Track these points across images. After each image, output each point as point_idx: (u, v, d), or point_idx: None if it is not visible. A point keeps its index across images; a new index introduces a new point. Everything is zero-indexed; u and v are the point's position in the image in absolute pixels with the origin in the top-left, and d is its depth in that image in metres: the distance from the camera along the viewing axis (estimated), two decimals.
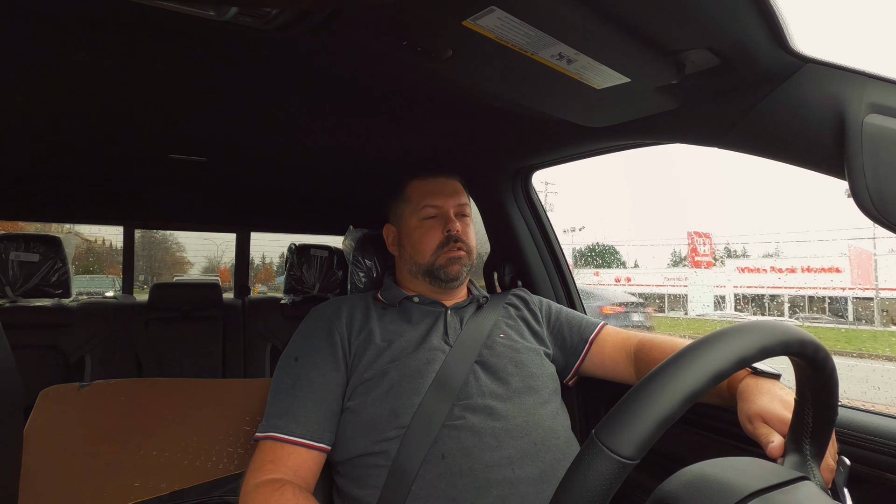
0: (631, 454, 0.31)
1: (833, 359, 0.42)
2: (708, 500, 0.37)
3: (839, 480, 0.44)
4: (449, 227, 0.95)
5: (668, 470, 0.42)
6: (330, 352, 0.86)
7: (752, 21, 0.57)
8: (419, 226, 0.97)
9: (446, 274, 0.95)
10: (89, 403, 1.06)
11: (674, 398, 0.32)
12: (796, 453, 0.47)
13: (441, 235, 0.95)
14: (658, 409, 0.32)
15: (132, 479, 0.97)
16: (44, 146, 1.31)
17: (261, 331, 2.00)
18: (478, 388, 0.83)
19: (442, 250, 0.95)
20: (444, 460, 0.75)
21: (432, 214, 0.97)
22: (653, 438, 0.31)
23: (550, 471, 0.77)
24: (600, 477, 0.31)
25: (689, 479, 0.40)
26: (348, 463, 0.81)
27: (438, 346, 0.88)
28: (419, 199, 0.99)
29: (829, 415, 0.45)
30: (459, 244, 0.95)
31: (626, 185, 66.50)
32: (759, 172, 16.28)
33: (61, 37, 0.72)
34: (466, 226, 0.99)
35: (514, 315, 1.01)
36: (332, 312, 0.93)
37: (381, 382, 0.82)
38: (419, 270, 0.97)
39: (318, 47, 0.73)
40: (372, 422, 0.79)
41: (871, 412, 0.81)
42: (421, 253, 0.96)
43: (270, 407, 0.82)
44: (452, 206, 0.98)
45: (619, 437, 0.31)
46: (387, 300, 0.98)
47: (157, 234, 8.85)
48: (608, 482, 0.31)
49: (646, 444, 0.31)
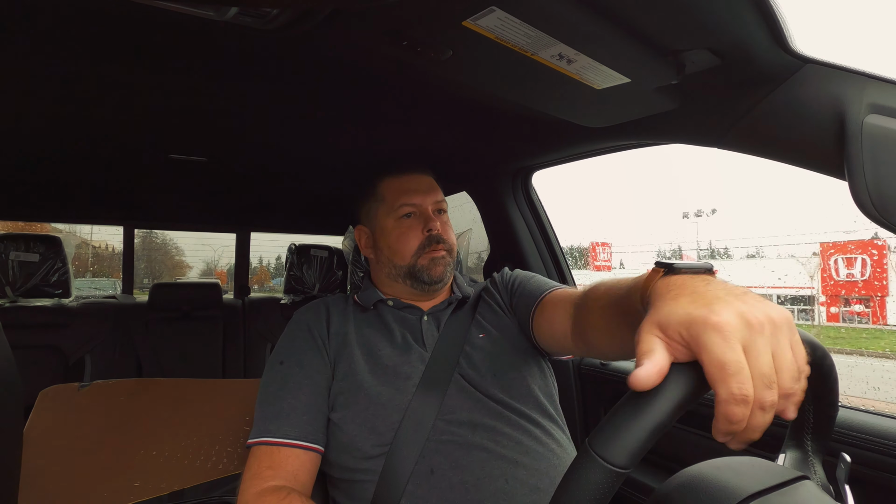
0: (624, 463, 0.31)
1: (831, 356, 0.42)
2: (706, 502, 0.37)
3: (840, 477, 0.45)
4: (430, 226, 0.91)
5: (667, 470, 0.42)
6: (314, 353, 0.85)
7: (752, 21, 0.57)
8: (396, 226, 0.93)
9: (430, 276, 0.90)
10: (89, 403, 1.06)
11: (665, 406, 0.32)
12: (797, 450, 0.47)
13: (421, 236, 0.91)
14: (650, 418, 0.32)
15: (132, 479, 0.97)
16: (44, 146, 1.31)
17: (261, 331, 2.00)
18: (461, 401, 0.80)
19: (423, 251, 0.91)
20: (434, 475, 0.73)
21: (410, 213, 0.93)
22: (645, 447, 0.31)
23: (545, 479, 0.75)
24: (594, 487, 0.31)
25: (687, 480, 0.40)
26: (337, 478, 0.80)
27: (416, 358, 0.85)
28: (395, 198, 0.94)
29: (830, 411, 0.45)
30: (441, 244, 0.91)
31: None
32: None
33: (61, 36, 0.72)
34: (445, 223, 0.95)
35: (490, 301, 0.96)
36: (313, 315, 0.92)
37: (358, 398, 0.80)
38: (399, 273, 0.93)
39: (318, 47, 0.73)
40: (353, 440, 0.78)
41: (871, 412, 0.81)
42: (400, 255, 0.92)
43: (260, 412, 0.80)
44: (430, 204, 0.93)
45: (611, 446, 0.31)
46: (362, 302, 0.95)
47: (158, 238, 8.96)
48: (602, 492, 0.31)
49: (639, 453, 0.31)
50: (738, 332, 0.33)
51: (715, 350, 0.33)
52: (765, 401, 0.33)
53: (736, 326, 0.34)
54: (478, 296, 0.98)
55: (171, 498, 0.98)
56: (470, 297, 0.97)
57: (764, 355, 0.33)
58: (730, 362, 0.32)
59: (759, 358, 0.33)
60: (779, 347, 0.34)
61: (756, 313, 0.35)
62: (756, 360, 0.33)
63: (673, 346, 0.35)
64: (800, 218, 9.07)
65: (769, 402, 0.33)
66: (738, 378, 0.32)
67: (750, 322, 0.34)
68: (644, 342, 0.36)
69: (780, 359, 0.34)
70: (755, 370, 0.33)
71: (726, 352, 0.32)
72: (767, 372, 0.33)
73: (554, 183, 4.94)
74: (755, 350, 0.33)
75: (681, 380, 0.33)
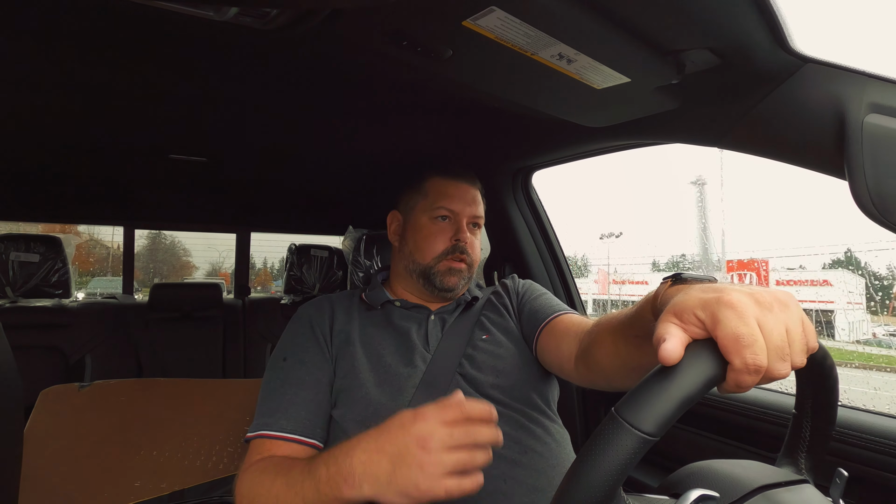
0: (652, 430, 0.31)
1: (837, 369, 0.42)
2: (716, 488, 0.37)
3: (835, 494, 0.44)
4: (459, 236, 0.92)
5: (667, 470, 0.42)
6: (316, 350, 0.85)
7: (752, 21, 0.57)
8: (428, 224, 0.93)
9: (442, 283, 0.91)
10: (89, 403, 1.06)
11: (695, 379, 0.33)
12: (791, 466, 0.47)
13: (448, 242, 0.92)
14: (680, 389, 0.32)
15: (132, 479, 0.97)
16: (44, 146, 1.31)
17: (261, 331, 2.00)
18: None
19: (445, 257, 0.91)
20: None
21: (445, 216, 0.93)
22: (674, 417, 0.31)
23: (544, 479, 0.75)
24: (621, 450, 0.31)
25: (698, 470, 0.41)
26: None
27: (418, 358, 0.85)
28: (436, 198, 0.93)
29: (827, 428, 0.45)
30: (464, 256, 0.92)
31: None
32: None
33: (62, 37, 0.72)
34: (476, 238, 0.96)
35: (497, 304, 0.97)
36: (316, 311, 0.92)
37: (358, 396, 0.80)
38: (415, 269, 0.94)
39: (317, 47, 0.73)
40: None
41: (871, 412, 0.81)
42: (422, 253, 0.93)
43: (260, 407, 0.81)
44: (468, 216, 0.94)
45: (640, 413, 0.31)
46: (370, 301, 0.95)
47: (167, 240, 9.17)
48: (628, 456, 0.31)
49: (667, 422, 0.31)
50: (751, 308, 0.35)
51: (729, 324, 0.34)
52: (779, 372, 0.35)
53: (748, 303, 0.35)
54: (486, 299, 0.99)
55: (171, 498, 0.98)
56: (479, 299, 0.98)
57: (777, 330, 0.35)
58: (744, 335, 0.34)
59: (773, 332, 0.35)
60: (791, 322, 0.36)
61: (764, 294, 0.37)
62: (770, 334, 0.35)
63: (690, 330, 0.36)
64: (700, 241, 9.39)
65: (783, 374, 0.35)
66: (752, 349, 0.33)
67: (760, 301, 0.36)
68: (660, 329, 0.37)
69: (793, 332, 0.36)
70: (770, 343, 0.35)
71: (740, 325, 0.34)
72: (781, 345, 0.35)
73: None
74: (768, 325, 0.35)
75: (702, 354, 0.34)
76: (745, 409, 0.95)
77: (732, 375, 0.34)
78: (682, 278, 0.46)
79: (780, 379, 0.35)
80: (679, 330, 0.36)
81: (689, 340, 0.35)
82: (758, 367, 0.33)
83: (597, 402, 1.36)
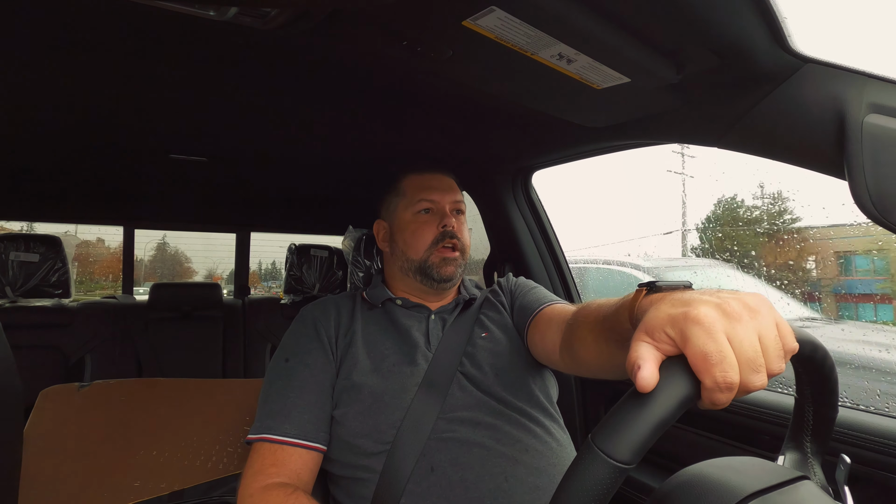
0: (627, 458, 0.31)
1: (832, 356, 0.42)
2: (707, 501, 0.37)
3: (840, 478, 0.44)
4: (444, 222, 0.93)
5: (667, 470, 0.42)
6: (320, 352, 0.86)
7: (751, 21, 0.57)
8: (413, 220, 0.95)
9: (439, 274, 0.92)
10: (89, 403, 1.06)
11: (669, 402, 0.32)
12: (797, 451, 0.47)
13: (436, 231, 0.93)
14: (654, 413, 0.32)
15: (132, 479, 0.97)
16: (44, 146, 1.31)
17: (261, 331, 2.00)
18: (463, 399, 0.81)
19: (436, 247, 0.92)
20: (434, 472, 0.74)
21: (427, 209, 0.95)
22: (649, 442, 0.31)
23: (545, 477, 0.76)
24: (597, 482, 0.31)
25: (689, 479, 0.40)
26: (338, 475, 0.81)
27: (420, 357, 0.86)
28: (414, 193, 0.96)
29: (830, 413, 0.45)
30: (454, 241, 0.93)
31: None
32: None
33: (61, 37, 0.72)
34: (461, 223, 0.97)
35: (495, 301, 0.98)
36: (320, 312, 0.92)
37: (361, 395, 0.81)
38: (411, 267, 0.94)
39: (317, 47, 0.73)
40: (355, 438, 0.78)
41: (871, 412, 0.81)
42: (414, 248, 0.93)
43: (262, 408, 0.81)
44: (448, 202, 0.96)
45: (615, 441, 0.31)
46: (371, 300, 0.96)
47: (170, 248, 9.84)
48: (605, 487, 0.31)
49: (642, 449, 0.31)
50: (718, 322, 0.34)
51: (697, 341, 0.33)
52: (754, 385, 0.34)
53: (715, 317, 0.34)
54: (484, 298, 0.99)
55: (170, 498, 0.98)
56: (477, 298, 0.99)
57: (748, 341, 0.34)
58: (711, 352, 0.33)
59: (743, 344, 0.34)
60: (763, 329, 0.35)
61: (732, 304, 0.35)
62: (740, 347, 0.34)
63: (662, 349, 0.35)
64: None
65: (758, 386, 0.34)
66: (721, 367, 0.32)
67: (727, 312, 0.35)
68: (633, 349, 0.36)
69: (766, 339, 0.35)
70: (741, 356, 0.33)
71: (707, 342, 0.33)
72: (753, 356, 0.34)
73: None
74: (738, 338, 0.34)
75: (675, 373, 0.34)
76: (745, 409, 0.95)
77: (705, 394, 0.33)
78: (657, 287, 0.45)
79: (759, 390, 0.34)
80: (652, 351, 0.35)
81: (663, 358, 0.35)
82: (729, 385, 0.33)
83: (597, 398, 1.36)
